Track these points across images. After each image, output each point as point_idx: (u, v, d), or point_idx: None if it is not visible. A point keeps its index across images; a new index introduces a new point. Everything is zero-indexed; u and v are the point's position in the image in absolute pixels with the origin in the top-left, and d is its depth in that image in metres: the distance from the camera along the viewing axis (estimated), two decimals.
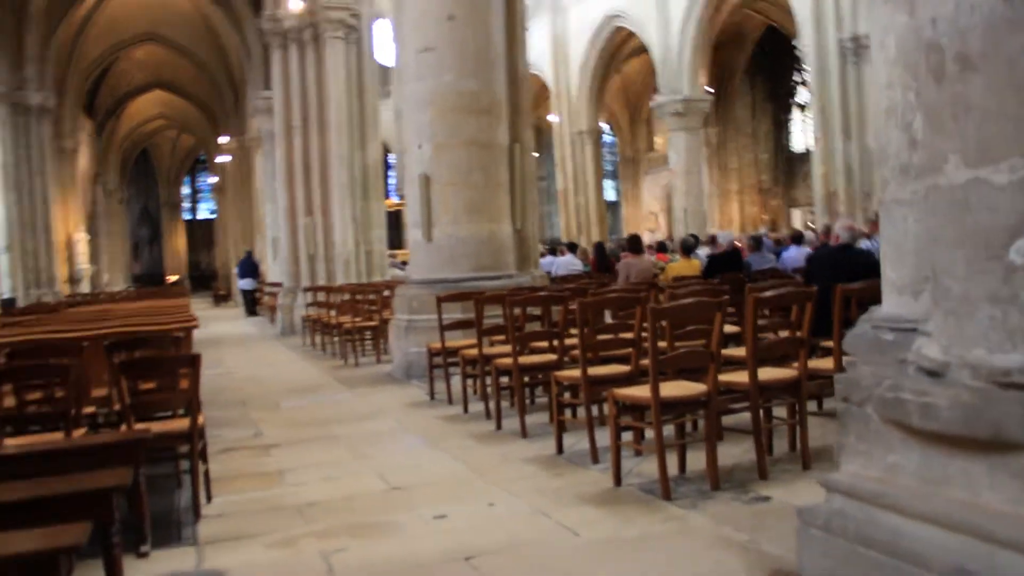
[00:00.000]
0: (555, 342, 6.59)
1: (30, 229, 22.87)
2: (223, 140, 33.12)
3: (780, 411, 5.52)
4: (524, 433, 6.34)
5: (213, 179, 42.54)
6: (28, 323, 8.89)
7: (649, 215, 41.11)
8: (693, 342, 5.57)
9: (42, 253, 23.37)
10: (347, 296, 12.55)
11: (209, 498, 5.15)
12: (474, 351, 7.27)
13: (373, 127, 17.57)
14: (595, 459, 5.45)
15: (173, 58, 33.49)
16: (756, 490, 4.63)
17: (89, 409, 5.69)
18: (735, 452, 5.27)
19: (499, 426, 6.68)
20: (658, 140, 41.30)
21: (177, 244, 51.45)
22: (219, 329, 20.74)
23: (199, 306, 31.63)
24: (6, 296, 21.70)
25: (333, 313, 12.77)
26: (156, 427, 4.83)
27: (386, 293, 11.80)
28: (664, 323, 5.06)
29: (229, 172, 34.15)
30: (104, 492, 3.29)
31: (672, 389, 4.75)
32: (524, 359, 6.49)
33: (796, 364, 5.30)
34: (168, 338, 5.54)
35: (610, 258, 16.07)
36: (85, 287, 29.76)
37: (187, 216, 53.05)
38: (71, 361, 4.71)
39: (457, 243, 9.58)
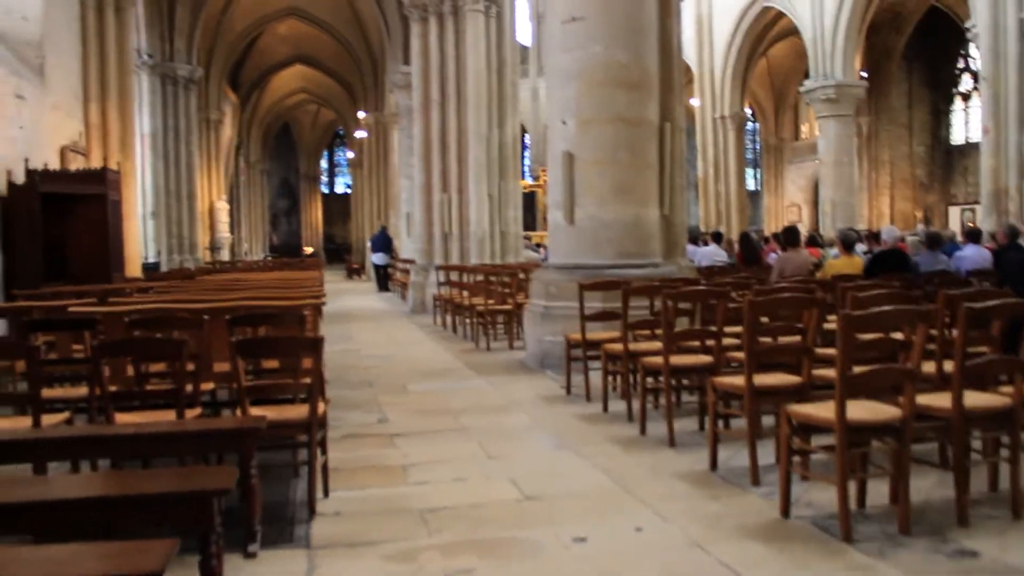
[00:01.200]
0: (711, 342, 5.91)
1: (175, 196, 23.43)
2: (361, 115, 33.36)
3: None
4: (672, 442, 5.69)
5: (350, 154, 43.10)
6: (160, 289, 8.76)
7: (791, 207, 39.49)
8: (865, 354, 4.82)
9: (185, 220, 23.92)
10: (481, 277, 12.07)
11: (326, 492, 4.73)
12: (618, 346, 6.65)
13: (511, 104, 17.07)
14: (755, 480, 4.78)
15: (314, 33, 33.91)
16: (957, 540, 3.87)
17: (208, 385, 5.36)
18: (921, 487, 4.48)
19: (643, 431, 6.05)
20: (804, 128, 39.67)
21: (314, 217, 52.46)
22: (350, 303, 20.78)
23: (332, 279, 32.02)
24: (151, 260, 22.32)
25: (466, 294, 12.34)
26: (273, 413, 4.43)
27: (521, 276, 11.29)
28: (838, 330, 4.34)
29: (366, 147, 34.42)
30: (203, 495, 2.85)
31: (859, 410, 4.03)
32: (676, 359, 5.83)
33: (1003, 389, 4.50)
34: (294, 315, 5.13)
35: (757, 250, 15.17)
36: (225, 255, 30.52)
37: (324, 190, 54.05)
38: (185, 336, 4.35)
39: (600, 227, 8.96)
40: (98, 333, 4.83)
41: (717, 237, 15.31)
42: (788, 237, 10.07)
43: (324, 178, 54.31)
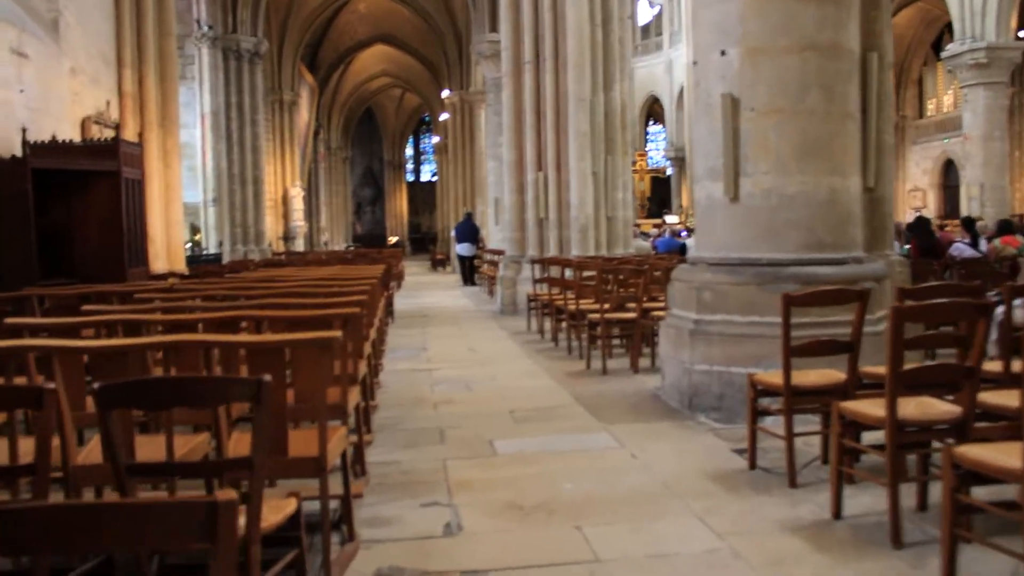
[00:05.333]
0: None
1: (239, 181, 21.23)
2: (445, 94, 30.91)
3: None
4: None
5: (436, 139, 40.87)
6: (146, 295, 6.16)
7: (915, 192, 35.72)
8: None
9: (251, 207, 21.70)
10: (593, 273, 9.07)
11: None
12: (874, 411, 3.72)
13: (619, 64, 14.13)
14: None
15: (395, 9, 31.78)
16: None
17: None
18: None
19: (951, 574, 3.14)
20: (931, 105, 35.81)
21: (399, 205, 50.54)
22: (431, 299, 18.24)
23: (414, 270, 29.61)
24: (211, 251, 20.13)
25: (570, 295, 9.43)
26: None
27: (657, 274, 8.38)
28: None
29: (451, 130, 32.01)
30: None
31: None
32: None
33: None
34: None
35: (936, 239, 12.07)
36: (299, 245, 28.36)
37: (410, 178, 52.04)
38: None
39: (781, 204, 6.02)
40: None
41: None
42: None
43: (410, 166, 52.30)
